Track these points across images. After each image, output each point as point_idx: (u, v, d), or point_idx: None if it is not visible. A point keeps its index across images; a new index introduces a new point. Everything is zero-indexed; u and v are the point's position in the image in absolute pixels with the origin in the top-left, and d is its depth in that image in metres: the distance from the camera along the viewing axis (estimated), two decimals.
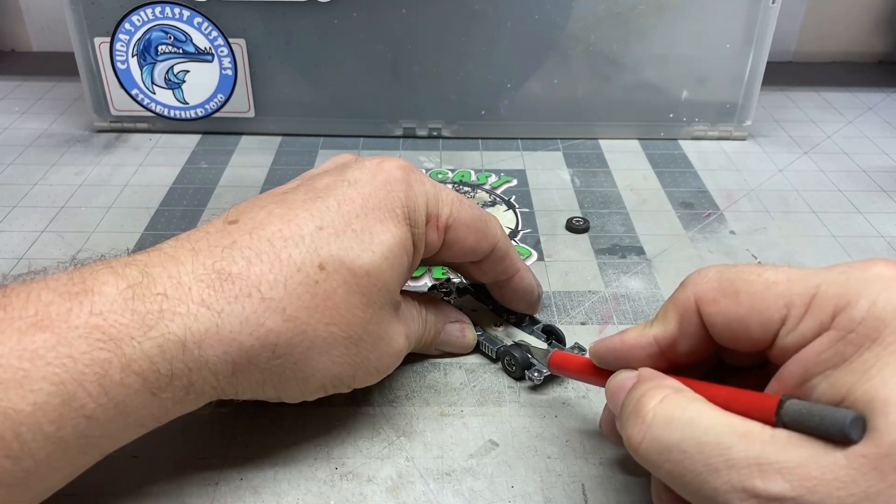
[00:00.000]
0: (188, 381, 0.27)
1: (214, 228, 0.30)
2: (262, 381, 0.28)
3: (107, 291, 0.26)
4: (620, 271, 0.45)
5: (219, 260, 0.28)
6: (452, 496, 0.30)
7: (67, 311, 0.25)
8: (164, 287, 0.27)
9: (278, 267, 0.28)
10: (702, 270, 0.26)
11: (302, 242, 0.29)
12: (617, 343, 0.28)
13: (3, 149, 0.59)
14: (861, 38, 0.77)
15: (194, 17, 0.56)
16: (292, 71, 0.58)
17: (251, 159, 0.58)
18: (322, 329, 0.28)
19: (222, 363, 0.27)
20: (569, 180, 0.55)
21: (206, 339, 0.26)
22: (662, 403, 0.24)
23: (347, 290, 0.29)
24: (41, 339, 0.24)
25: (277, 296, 0.28)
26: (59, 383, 0.24)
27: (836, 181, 0.55)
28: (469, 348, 0.37)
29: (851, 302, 0.22)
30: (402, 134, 0.61)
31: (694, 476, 0.22)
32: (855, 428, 0.20)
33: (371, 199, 0.31)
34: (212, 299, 0.27)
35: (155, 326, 0.26)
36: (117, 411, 0.25)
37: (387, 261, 0.30)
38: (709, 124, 0.61)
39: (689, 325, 0.26)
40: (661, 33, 0.57)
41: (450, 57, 0.58)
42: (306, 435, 0.33)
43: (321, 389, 0.30)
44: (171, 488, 0.31)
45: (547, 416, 0.34)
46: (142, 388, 0.25)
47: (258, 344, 0.27)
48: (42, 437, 0.24)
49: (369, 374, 0.31)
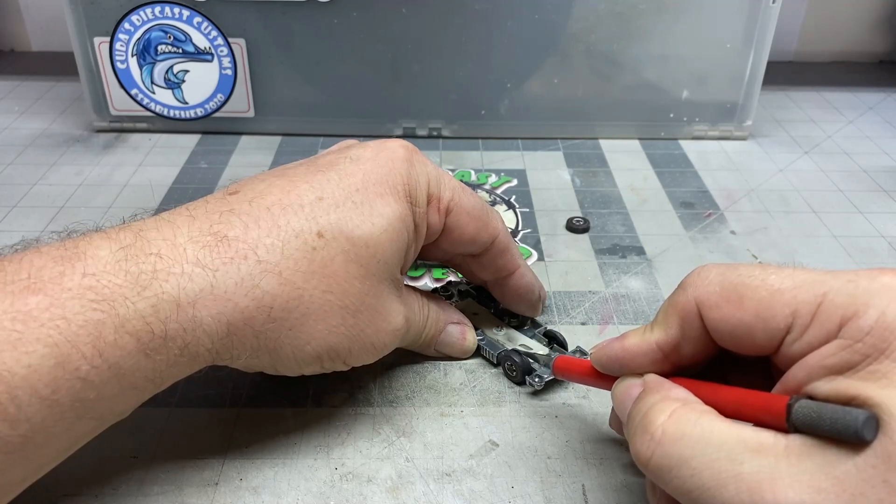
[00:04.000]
0: (182, 342, 0.26)
1: (214, 198, 0.30)
2: (257, 345, 0.28)
3: (100, 255, 0.26)
4: (621, 271, 0.45)
5: (216, 223, 0.28)
6: (452, 496, 0.30)
7: (60, 274, 0.25)
8: (159, 248, 0.27)
9: (276, 232, 0.28)
10: (701, 271, 0.26)
11: (301, 211, 0.29)
12: (618, 350, 0.28)
13: (3, 149, 0.59)
14: (861, 38, 0.77)
15: (194, 17, 0.56)
16: (292, 71, 0.58)
17: (251, 159, 0.58)
18: (319, 296, 0.28)
19: (217, 324, 0.27)
20: (569, 180, 0.55)
21: (200, 299, 0.26)
22: (672, 419, 0.23)
23: (345, 258, 0.29)
24: (34, 302, 0.24)
25: (274, 259, 0.28)
26: (52, 345, 0.24)
27: (837, 181, 0.55)
28: (469, 352, 0.37)
29: (859, 312, 0.21)
30: (402, 134, 0.61)
31: (702, 492, 0.21)
32: (868, 428, 0.19)
33: (372, 175, 0.31)
34: (207, 259, 0.27)
35: (149, 286, 0.26)
36: (111, 373, 0.25)
37: (385, 233, 0.30)
38: (709, 124, 0.61)
39: (691, 329, 0.26)
40: (661, 33, 0.57)
41: (450, 57, 0.58)
42: (306, 435, 0.33)
43: (317, 361, 0.30)
44: (171, 488, 0.30)
45: (547, 416, 0.34)
46: (136, 348, 0.25)
47: (253, 305, 0.27)
48: (38, 400, 0.23)
49: (365, 349, 0.31)
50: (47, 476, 0.28)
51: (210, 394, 0.35)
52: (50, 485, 0.30)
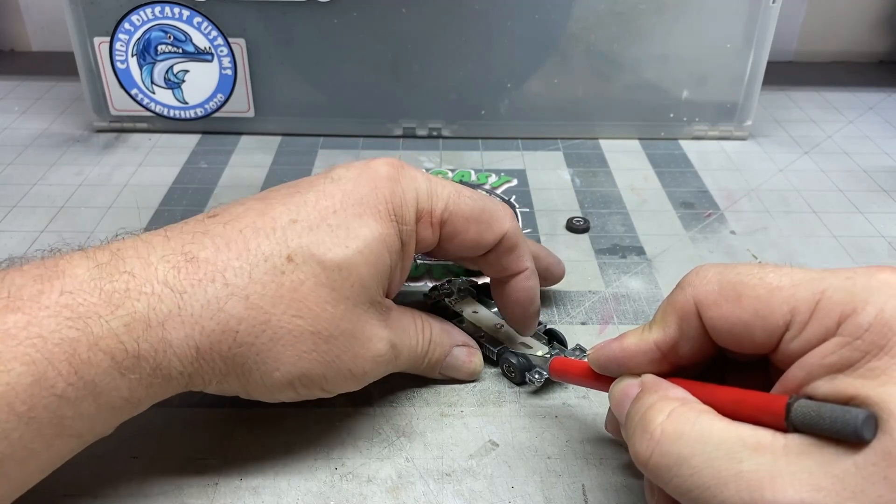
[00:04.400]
0: (154, 362, 0.26)
1: (193, 220, 0.30)
2: (226, 370, 0.28)
3: (77, 273, 0.26)
4: (621, 271, 0.45)
5: (188, 244, 0.28)
6: (452, 496, 0.30)
7: (38, 293, 0.25)
8: (132, 266, 0.27)
9: (245, 256, 0.28)
10: (700, 271, 0.26)
11: (273, 234, 0.29)
12: (616, 350, 0.28)
13: (3, 149, 0.59)
14: (861, 38, 0.77)
15: (194, 17, 0.56)
16: (292, 71, 0.58)
17: (251, 159, 0.58)
18: (287, 321, 0.28)
19: (185, 347, 0.27)
20: (569, 180, 0.55)
21: (168, 320, 0.27)
22: (670, 419, 0.23)
23: (316, 283, 0.29)
24: (12, 320, 0.24)
25: (241, 283, 0.28)
26: (29, 363, 0.24)
27: (837, 181, 0.55)
28: (475, 375, 0.36)
29: (857, 309, 0.21)
30: (402, 134, 0.61)
31: (702, 491, 0.21)
32: (867, 427, 0.19)
33: (351, 195, 0.30)
34: (175, 280, 0.27)
35: (122, 305, 0.26)
36: (87, 391, 0.25)
37: (361, 255, 0.29)
38: (709, 124, 0.61)
39: (690, 329, 0.26)
40: (661, 33, 0.57)
41: (450, 57, 0.58)
42: (306, 435, 0.33)
43: (289, 387, 0.29)
44: (171, 488, 0.30)
45: (547, 416, 0.34)
46: (110, 366, 0.26)
47: (219, 329, 0.27)
48: (15, 418, 0.24)
49: (342, 375, 0.30)
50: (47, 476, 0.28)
51: (210, 394, 0.35)
52: (50, 485, 0.30)
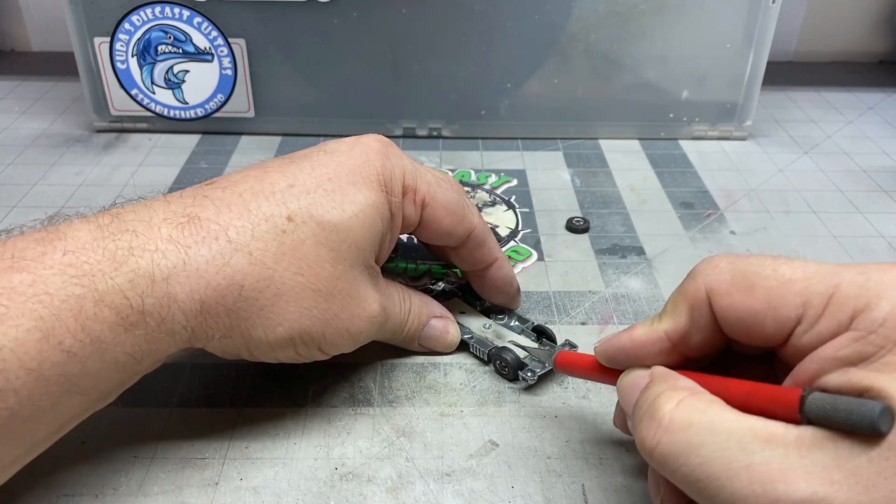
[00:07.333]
0: (159, 316, 0.27)
1: (191, 188, 0.31)
2: (230, 325, 0.29)
3: (79, 235, 0.27)
4: (620, 271, 0.45)
5: (189, 206, 0.29)
6: (452, 496, 0.30)
7: (42, 254, 0.26)
8: (135, 227, 0.28)
9: (246, 216, 0.29)
10: (712, 260, 0.26)
11: (272, 197, 0.30)
12: (626, 341, 0.28)
13: (3, 149, 0.59)
14: (861, 38, 0.77)
15: (194, 17, 0.56)
16: (292, 71, 0.58)
17: (251, 159, 0.58)
18: (289, 277, 0.29)
19: (190, 301, 0.28)
20: (569, 180, 0.55)
21: (173, 275, 0.27)
22: (679, 407, 0.23)
23: (315, 242, 0.30)
24: (18, 279, 0.25)
25: (244, 240, 0.29)
26: (38, 318, 0.24)
27: (837, 181, 0.55)
28: (452, 346, 0.37)
29: (871, 303, 0.21)
30: (402, 134, 0.61)
31: (711, 481, 0.21)
32: (884, 420, 0.19)
33: (345, 165, 0.32)
34: (179, 237, 0.28)
35: (125, 262, 0.27)
36: (94, 347, 0.26)
37: (357, 219, 0.31)
38: (709, 124, 0.61)
39: (701, 318, 0.25)
40: (661, 33, 0.57)
41: (450, 57, 0.58)
42: (306, 435, 0.33)
43: (289, 344, 0.30)
44: (171, 488, 0.30)
45: (547, 416, 0.34)
46: (116, 321, 0.26)
47: (224, 283, 0.28)
48: (24, 373, 0.24)
49: (340, 334, 0.31)
50: (47, 476, 0.28)
51: (210, 394, 0.35)
52: (50, 484, 0.30)
